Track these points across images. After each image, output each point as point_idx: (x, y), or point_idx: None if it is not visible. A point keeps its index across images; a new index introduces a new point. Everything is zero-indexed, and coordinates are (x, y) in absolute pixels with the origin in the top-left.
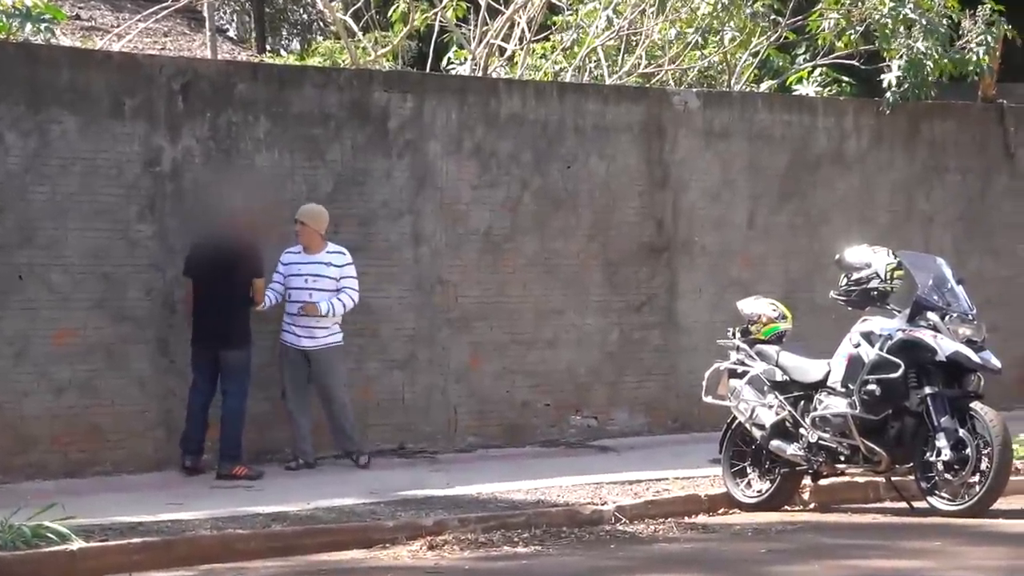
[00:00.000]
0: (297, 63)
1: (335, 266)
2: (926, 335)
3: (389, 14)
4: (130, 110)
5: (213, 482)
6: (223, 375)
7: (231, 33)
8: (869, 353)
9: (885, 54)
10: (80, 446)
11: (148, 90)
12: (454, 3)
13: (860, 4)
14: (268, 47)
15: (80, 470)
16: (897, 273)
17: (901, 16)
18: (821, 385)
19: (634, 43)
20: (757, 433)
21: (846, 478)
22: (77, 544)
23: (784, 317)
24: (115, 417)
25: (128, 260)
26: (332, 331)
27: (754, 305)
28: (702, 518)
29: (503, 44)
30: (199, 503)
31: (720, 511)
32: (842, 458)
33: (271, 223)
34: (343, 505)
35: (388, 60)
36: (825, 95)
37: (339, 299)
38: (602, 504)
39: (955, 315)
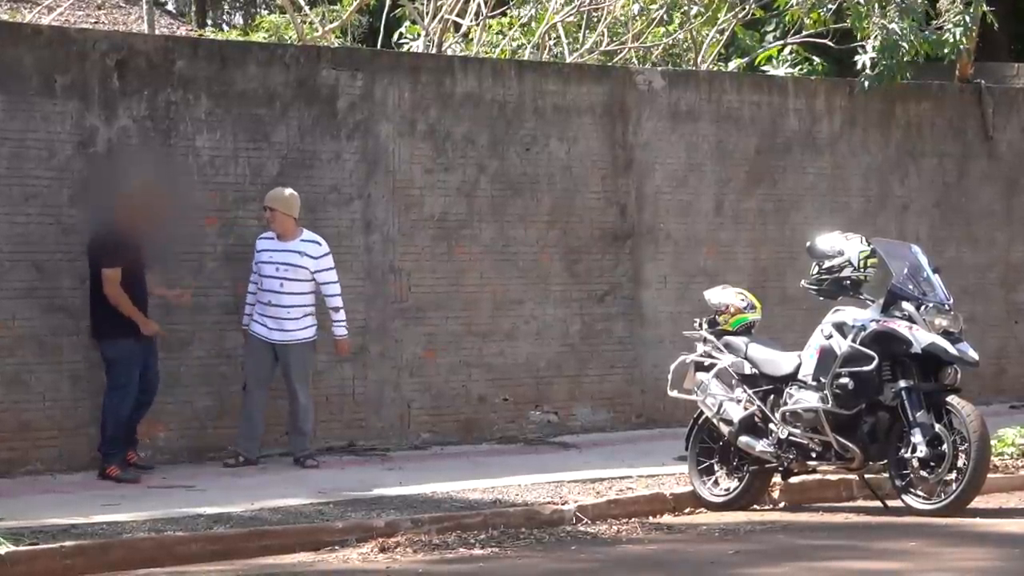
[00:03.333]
0: (240, 39)
1: (310, 257)
2: (901, 326)
3: None
4: (62, 88)
5: (150, 481)
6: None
7: (170, 6)
8: (841, 345)
9: (858, 33)
10: (8, 444)
11: (81, 66)
12: None
13: None
14: (209, 21)
15: (8, 470)
16: (871, 261)
17: None
18: (792, 378)
19: (595, 19)
20: (725, 429)
21: (818, 476)
22: (5, 548)
23: (753, 307)
24: (46, 413)
25: (60, 247)
26: (304, 324)
27: (722, 295)
28: (667, 518)
29: (458, 19)
30: (136, 504)
31: (686, 511)
32: (813, 455)
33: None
34: (289, 506)
35: (337, 36)
36: (796, 75)
37: (338, 314)
38: (563, 504)
39: (931, 305)
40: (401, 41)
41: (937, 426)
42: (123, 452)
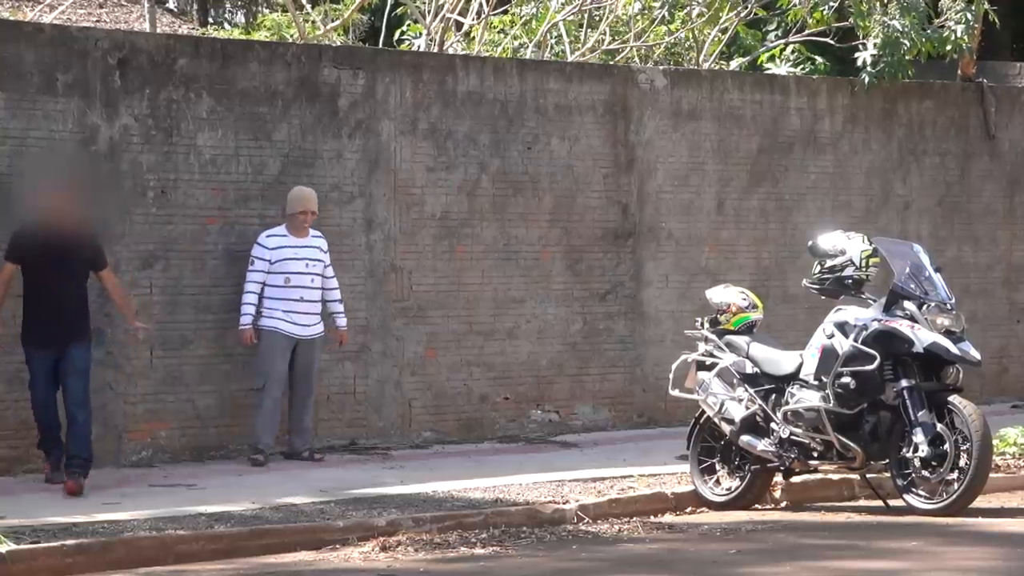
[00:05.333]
0: (242, 37)
1: (322, 251)
2: (903, 325)
3: None
4: (63, 86)
5: (151, 480)
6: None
7: (171, 5)
8: (843, 344)
9: (860, 32)
10: (9, 442)
11: (83, 65)
12: None
13: None
14: (211, 20)
15: (9, 468)
16: (872, 260)
17: None
18: (793, 378)
19: (597, 18)
20: (726, 428)
21: (819, 475)
22: (6, 547)
23: (755, 306)
24: None
25: None
26: (319, 320)
27: (723, 294)
28: (669, 517)
29: (460, 18)
30: (137, 503)
31: (688, 510)
32: (815, 454)
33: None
34: (291, 504)
35: (338, 34)
36: (798, 74)
37: (341, 306)
38: (564, 503)
39: (933, 304)
40: (402, 36)
41: (939, 425)
42: (54, 453)
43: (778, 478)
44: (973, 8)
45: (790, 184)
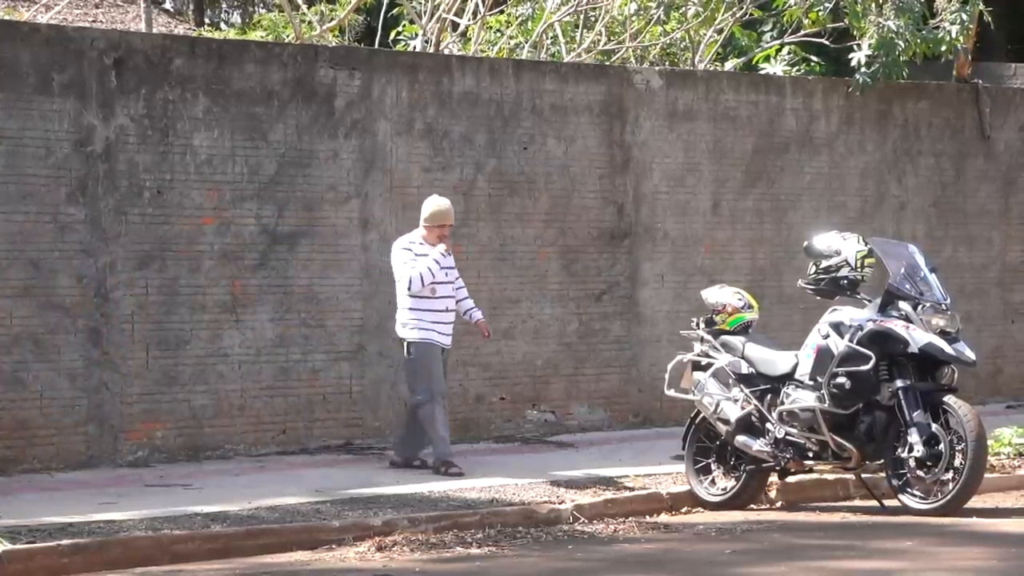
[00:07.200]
0: (238, 37)
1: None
2: (898, 326)
3: None
4: (59, 86)
5: (147, 480)
6: None
7: (167, 5)
8: (838, 344)
9: (855, 32)
10: (6, 442)
11: (78, 65)
12: None
13: None
14: (207, 20)
15: (5, 468)
16: (868, 261)
17: None
18: (789, 378)
19: (593, 19)
20: (722, 428)
21: (814, 475)
22: (2, 547)
23: (750, 307)
24: (43, 412)
25: (57, 245)
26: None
27: (719, 294)
28: (664, 517)
29: (456, 19)
30: (133, 502)
31: (683, 510)
32: (810, 454)
33: None
34: (287, 504)
35: (334, 35)
36: (793, 75)
37: (468, 299)
38: (560, 503)
39: (928, 305)
40: (398, 39)
41: (934, 426)
42: None
43: (774, 478)
44: (968, 9)
45: (786, 185)
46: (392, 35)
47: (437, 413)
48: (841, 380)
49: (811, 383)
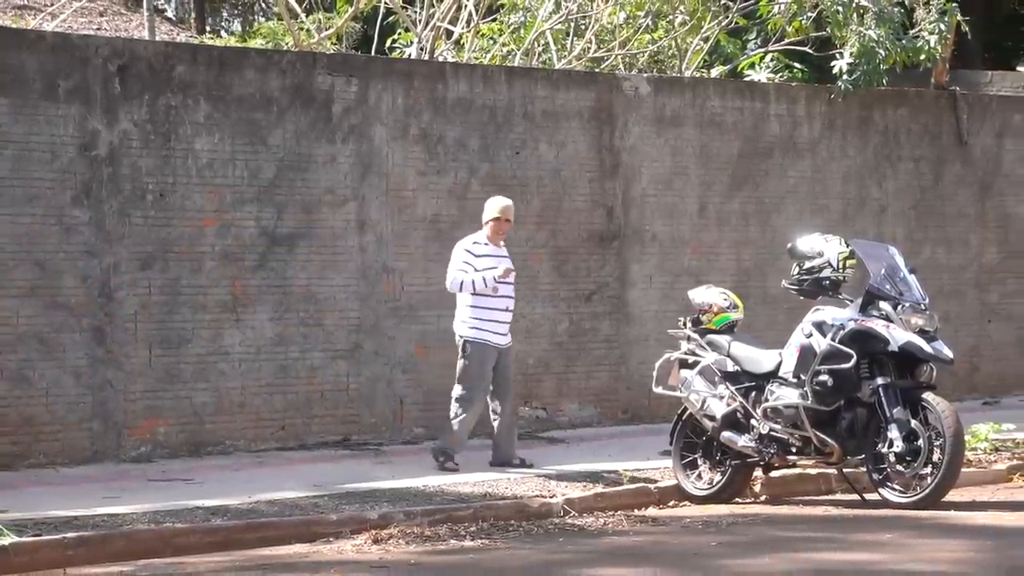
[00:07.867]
0: (238, 45)
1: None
2: (878, 325)
3: None
4: (64, 92)
5: (150, 474)
6: None
7: (169, 13)
8: (821, 343)
9: (837, 41)
10: (12, 438)
11: (83, 71)
12: None
13: None
14: (208, 28)
15: (12, 463)
16: (849, 262)
17: (853, 3)
18: (773, 376)
19: (583, 27)
20: (708, 424)
21: (798, 470)
22: (9, 539)
23: (735, 307)
24: (48, 408)
25: (62, 247)
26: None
27: (705, 294)
28: (652, 511)
29: (450, 27)
30: (136, 496)
31: (670, 504)
32: (794, 449)
33: None
34: (285, 498)
35: (332, 42)
36: (777, 81)
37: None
38: (551, 497)
39: (907, 305)
40: (394, 44)
41: (913, 422)
42: None
43: (758, 473)
44: (946, 19)
45: (770, 188)
46: (388, 43)
47: (469, 412)
48: (823, 378)
49: (794, 381)
